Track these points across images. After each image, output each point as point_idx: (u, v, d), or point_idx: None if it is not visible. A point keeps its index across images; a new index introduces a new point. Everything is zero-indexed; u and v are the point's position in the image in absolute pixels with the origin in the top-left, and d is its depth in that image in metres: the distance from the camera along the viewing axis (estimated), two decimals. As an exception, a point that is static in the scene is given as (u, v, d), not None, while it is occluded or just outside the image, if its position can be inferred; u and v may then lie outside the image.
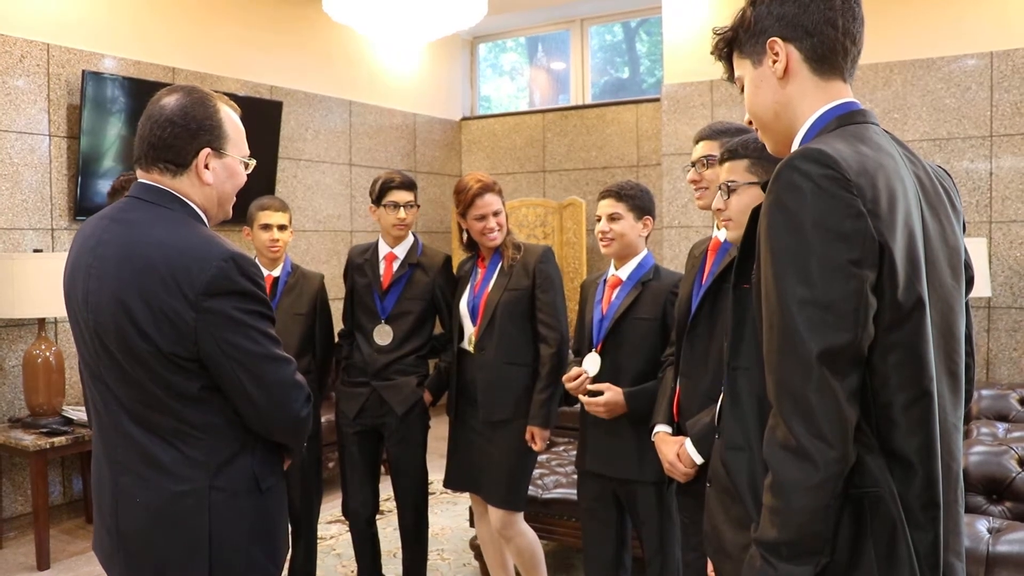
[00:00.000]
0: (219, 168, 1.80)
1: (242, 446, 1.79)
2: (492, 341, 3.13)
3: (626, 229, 2.77)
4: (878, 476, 1.27)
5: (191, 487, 1.73)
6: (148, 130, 1.77)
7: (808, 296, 1.23)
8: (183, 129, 1.75)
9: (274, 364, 1.76)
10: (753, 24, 1.47)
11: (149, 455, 1.73)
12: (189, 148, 1.76)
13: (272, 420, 1.78)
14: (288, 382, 1.78)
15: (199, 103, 1.77)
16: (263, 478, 1.82)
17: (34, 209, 4.74)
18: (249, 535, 1.80)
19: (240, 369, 1.71)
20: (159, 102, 1.78)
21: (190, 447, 1.73)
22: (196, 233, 1.73)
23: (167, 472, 1.73)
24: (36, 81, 4.75)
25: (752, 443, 1.50)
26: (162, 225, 1.73)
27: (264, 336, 1.75)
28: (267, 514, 1.85)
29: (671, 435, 2.45)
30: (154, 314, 1.66)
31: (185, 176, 1.77)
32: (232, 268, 1.69)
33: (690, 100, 6.20)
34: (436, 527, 4.54)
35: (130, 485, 1.75)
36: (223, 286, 1.68)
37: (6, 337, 4.64)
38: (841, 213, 1.23)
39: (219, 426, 1.75)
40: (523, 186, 7.59)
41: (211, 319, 1.67)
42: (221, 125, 1.79)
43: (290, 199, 6.21)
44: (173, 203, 1.76)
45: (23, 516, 4.63)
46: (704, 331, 2.32)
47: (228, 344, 1.69)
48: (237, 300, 1.70)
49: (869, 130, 1.38)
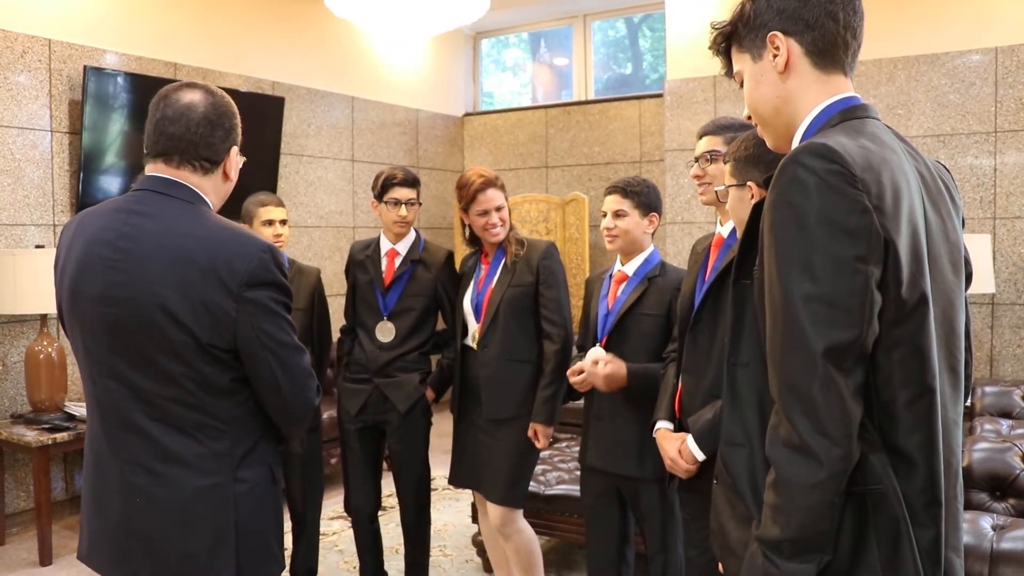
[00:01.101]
0: (235, 166, 1.87)
1: (258, 439, 1.83)
2: (496, 338, 3.11)
3: (631, 226, 2.76)
4: (881, 473, 1.26)
5: (216, 481, 1.75)
6: (184, 128, 1.77)
7: (813, 292, 1.22)
8: (220, 128, 1.80)
9: (298, 353, 1.81)
10: (753, 18, 1.45)
11: (167, 450, 1.73)
12: (223, 147, 1.82)
13: (294, 408, 1.82)
14: (307, 371, 1.84)
15: (227, 103, 1.83)
16: (276, 470, 1.87)
17: (36, 205, 4.74)
18: (268, 524, 1.85)
19: (273, 358, 1.75)
20: (182, 100, 1.79)
21: (214, 440, 1.75)
22: (229, 226, 1.76)
23: (188, 466, 1.73)
24: (38, 77, 4.74)
25: (752, 439, 1.49)
26: (191, 218, 1.75)
27: (290, 326, 1.80)
28: (278, 503, 1.90)
29: (673, 431, 2.44)
30: (193, 306, 1.68)
31: (214, 174, 1.83)
32: (270, 260, 1.74)
33: (693, 96, 6.19)
34: (439, 523, 4.53)
35: (145, 483, 1.74)
36: (264, 277, 1.72)
37: (8, 333, 4.64)
38: (846, 208, 1.22)
39: (242, 419, 1.79)
40: (526, 182, 7.58)
41: (251, 309, 1.71)
42: (239, 124, 1.86)
43: (292, 195, 6.21)
44: (192, 196, 1.79)
45: (25, 512, 4.63)
46: (707, 327, 2.30)
47: (264, 333, 1.73)
48: (273, 291, 1.75)
49: (872, 125, 1.38)
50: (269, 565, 1.86)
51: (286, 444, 2.00)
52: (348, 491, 3.49)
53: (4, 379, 4.62)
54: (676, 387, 2.45)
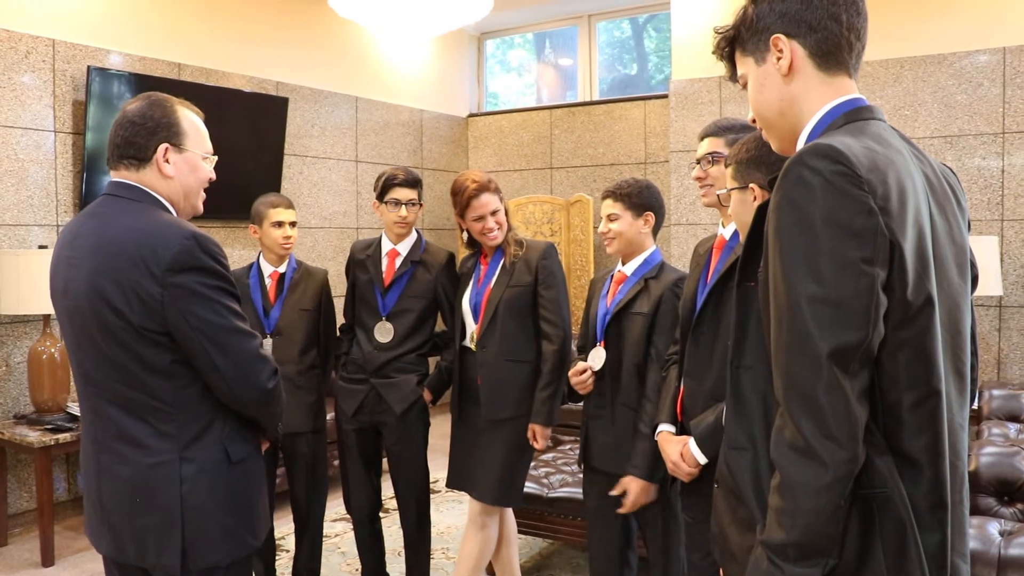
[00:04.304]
0: (180, 162, 1.97)
1: (211, 421, 1.93)
2: (494, 338, 3.10)
3: (624, 228, 2.78)
4: (887, 476, 1.25)
5: (162, 459, 1.87)
6: (113, 133, 1.97)
7: (819, 294, 1.21)
8: (141, 127, 1.94)
9: (238, 336, 1.90)
10: (755, 21, 1.45)
11: (124, 432, 1.89)
12: (149, 144, 1.94)
13: (240, 390, 1.92)
14: (252, 354, 1.93)
15: (156, 104, 1.97)
16: (234, 451, 1.95)
17: (39, 205, 4.74)
18: (222, 505, 1.93)
19: (206, 340, 1.85)
20: (123, 109, 1.99)
21: (162, 422, 1.88)
22: (161, 218, 1.90)
23: (141, 446, 1.88)
24: (42, 77, 4.74)
25: (756, 443, 1.48)
26: (131, 214, 1.90)
27: (227, 310, 1.89)
28: (242, 485, 1.98)
29: (675, 434, 2.42)
30: (124, 292, 1.82)
31: (148, 170, 1.95)
32: (194, 245, 1.84)
33: (698, 96, 6.17)
34: (442, 525, 4.52)
35: (109, 462, 1.91)
36: (186, 262, 1.83)
37: (11, 333, 4.64)
38: (852, 210, 1.21)
39: (189, 401, 1.89)
40: (530, 183, 7.56)
41: (177, 293, 1.83)
42: (179, 123, 1.97)
43: (296, 195, 6.20)
44: (142, 196, 1.94)
45: (28, 512, 4.62)
46: (709, 330, 2.29)
47: (194, 316, 1.84)
48: (200, 275, 1.85)
49: (877, 126, 1.36)
50: (222, 545, 1.93)
51: (269, 433, 2.09)
52: (347, 491, 3.48)
53: (7, 379, 4.62)
54: (678, 390, 2.44)
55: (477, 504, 3.17)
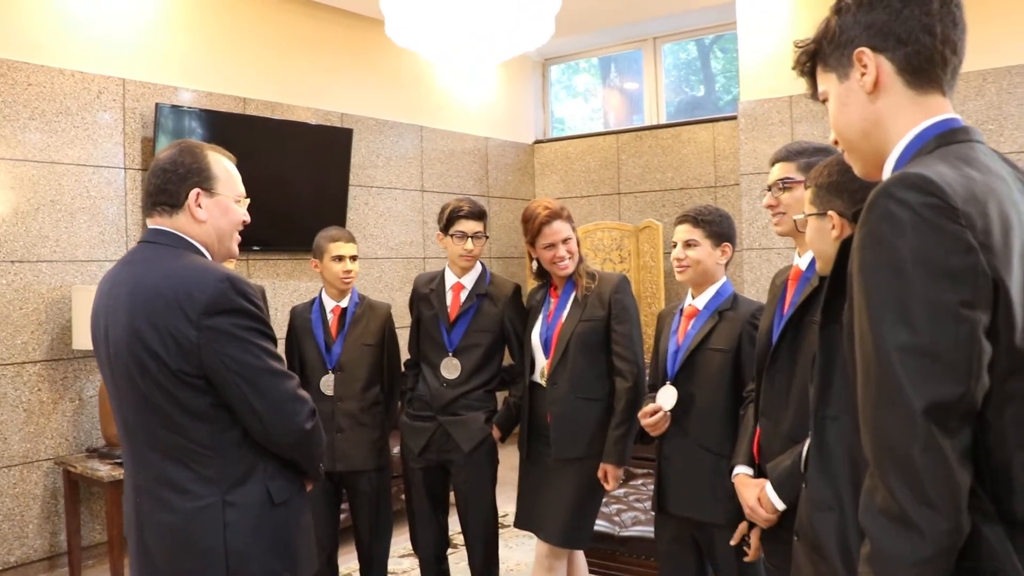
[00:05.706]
0: (212, 206, 1.99)
1: (253, 463, 1.92)
2: (565, 374, 3.01)
3: (703, 256, 2.65)
4: (997, 548, 1.10)
5: (205, 503, 1.87)
6: (147, 181, 2.01)
7: (911, 343, 1.07)
8: (173, 174, 1.97)
9: (275, 378, 1.90)
10: (838, 34, 1.32)
11: (166, 477, 1.88)
12: (180, 190, 1.96)
13: (277, 433, 1.91)
14: (289, 395, 1.93)
15: (187, 151, 2.00)
16: (277, 493, 1.95)
17: (111, 241, 4.81)
18: (266, 547, 1.93)
19: (243, 382, 1.85)
20: (156, 157, 2.02)
21: (203, 466, 1.87)
22: (195, 262, 1.92)
23: (183, 491, 1.87)
24: (113, 115, 4.83)
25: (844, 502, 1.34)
26: (166, 259, 1.92)
27: (263, 351, 1.89)
28: (284, 527, 1.97)
29: (752, 477, 2.28)
30: (161, 336, 1.82)
31: (181, 215, 1.97)
32: (228, 288, 1.85)
33: (768, 117, 6.00)
34: (511, 562, 4.41)
35: (151, 507, 1.91)
36: (221, 305, 1.84)
37: (84, 368, 4.70)
38: (948, 247, 1.07)
39: (230, 444, 1.89)
40: (598, 209, 7.45)
41: (212, 336, 1.83)
42: (209, 168, 1.99)
43: (362, 226, 6.20)
44: (176, 241, 1.97)
45: (100, 545, 4.66)
46: (785, 366, 2.14)
47: (229, 359, 1.84)
48: (235, 317, 1.86)
49: (975, 149, 1.22)
50: None
51: (311, 475, 2.07)
52: (414, 531, 3.40)
53: (80, 413, 4.68)
54: (755, 430, 2.30)
55: (544, 545, 3.06)
